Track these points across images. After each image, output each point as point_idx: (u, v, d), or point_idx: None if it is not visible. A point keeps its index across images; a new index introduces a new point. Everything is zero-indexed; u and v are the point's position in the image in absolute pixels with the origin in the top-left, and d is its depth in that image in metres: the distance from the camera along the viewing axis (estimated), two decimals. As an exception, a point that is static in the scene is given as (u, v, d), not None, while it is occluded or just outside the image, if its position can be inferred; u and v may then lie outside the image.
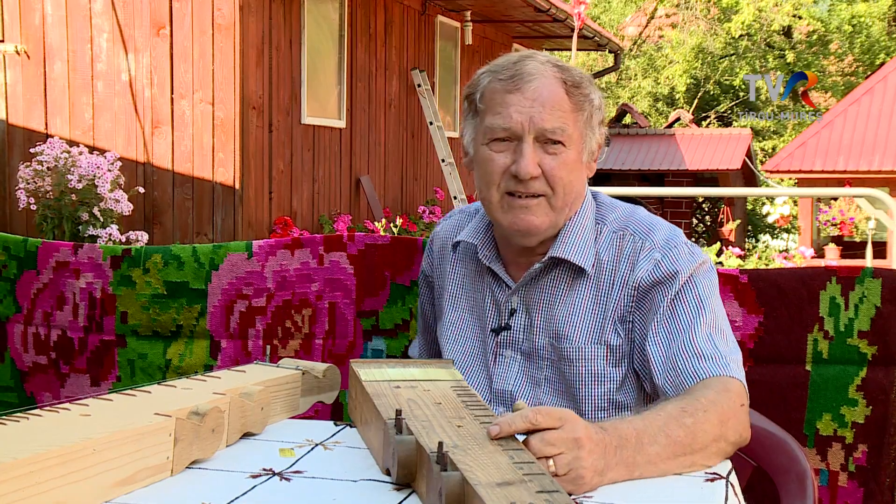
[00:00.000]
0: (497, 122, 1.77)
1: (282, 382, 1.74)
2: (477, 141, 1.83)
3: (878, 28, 23.57)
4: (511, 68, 1.78)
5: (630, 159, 16.04)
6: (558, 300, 1.83)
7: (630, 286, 1.79)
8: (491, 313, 1.90)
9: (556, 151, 1.76)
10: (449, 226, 2.06)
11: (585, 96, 1.79)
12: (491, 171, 1.79)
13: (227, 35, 7.56)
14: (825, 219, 14.40)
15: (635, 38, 24.72)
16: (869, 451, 2.13)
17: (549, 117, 1.75)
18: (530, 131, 1.75)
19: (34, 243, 2.56)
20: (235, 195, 7.61)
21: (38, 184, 5.83)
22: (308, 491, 1.36)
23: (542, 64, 1.78)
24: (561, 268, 1.83)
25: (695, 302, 1.75)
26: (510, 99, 1.76)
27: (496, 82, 1.79)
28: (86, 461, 1.26)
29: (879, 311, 2.10)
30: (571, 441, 1.36)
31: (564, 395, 1.83)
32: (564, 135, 1.76)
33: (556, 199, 1.78)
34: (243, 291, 2.44)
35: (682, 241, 1.82)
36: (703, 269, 1.80)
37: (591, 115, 1.81)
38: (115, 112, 7.75)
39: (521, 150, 1.75)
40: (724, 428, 1.56)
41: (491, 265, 1.89)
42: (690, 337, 1.71)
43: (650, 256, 1.79)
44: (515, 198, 1.78)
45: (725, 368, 1.68)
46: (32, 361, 2.60)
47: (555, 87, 1.76)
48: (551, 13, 11.63)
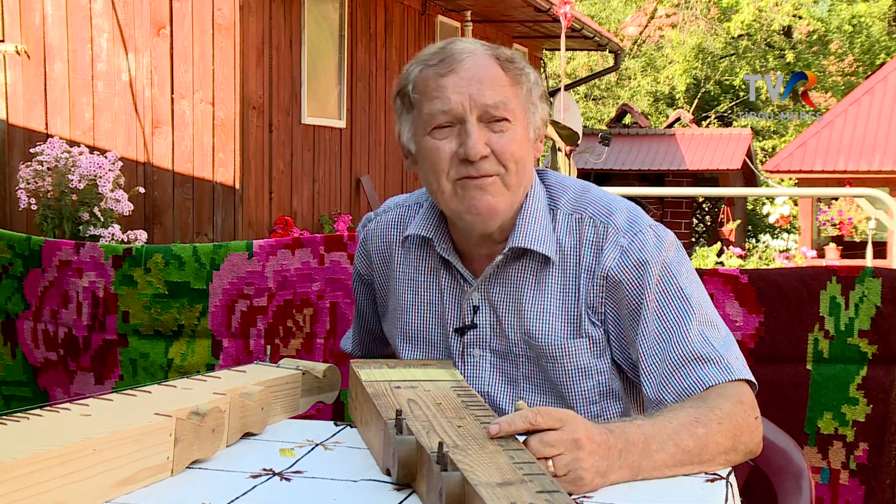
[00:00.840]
0: (436, 107, 1.68)
1: (282, 382, 1.74)
2: (417, 134, 1.74)
3: (878, 28, 23.56)
4: (440, 53, 1.71)
5: (630, 159, 16.04)
6: (525, 293, 1.75)
7: (598, 276, 1.71)
8: (451, 311, 1.82)
9: (503, 129, 1.68)
10: (386, 221, 1.94)
11: (521, 70, 1.72)
12: (438, 159, 1.69)
13: (227, 35, 7.55)
14: (825, 219, 14.40)
15: (635, 37, 24.72)
16: (870, 449, 2.13)
17: (489, 92, 1.67)
18: (472, 110, 1.67)
19: (38, 241, 2.58)
20: (236, 195, 7.61)
21: (39, 184, 5.83)
22: (308, 491, 1.36)
23: (471, 44, 1.73)
24: (524, 259, 1.75)
25: (678, 298, 1.68)
26: (445, 82, 1.68)
27: (427, 69, 1.71)
28: (86, 461, 1.26)
29: (880, 311, 2.10)
30: (571, 442, 1.35)
31: (548, 392, 1.78)
32: (507, 109, 1.68)
33: (509, 177, 1.69)
34: (244, 291, 2.44)
35: (645, 224, 1.74)
36: (673, 253, 1.72)
37: (529, 89, 1.73)
38: (116, 112, 7.75)
39: (466, 131, 1.67)
40: (736, 441, 1.53)
41: (448, 257, 1.80)
42: (684, 341, 1.64)
43: (616, 243, 1.71)
44: (468, 181, 1.69)
45: (728, 372, 1.62)
46: (44, 357, 2.61)
47: (489, 62, 1.70)
48: (551, 13, 11.62)
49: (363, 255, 1.98)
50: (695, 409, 1.54)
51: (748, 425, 1.57)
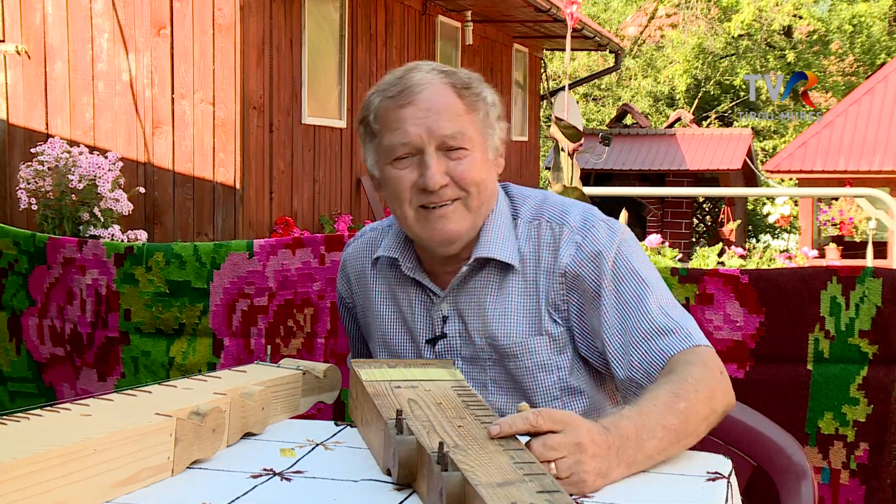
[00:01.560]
0: (396, 140, 1.76)
1: (282, 382, 1.74)
2: (380, 162, 1.81)
3: (878, 28, 23.57)
4: (398, 83, 1.77)
5: (631, 159, 16.05)
6: (489, 300, 1.83)
7: (557, 273, 1.79)
8: (422, 324, 1.89)
9: (461, 156, 1.75)
10: (361, 245, 2.02)
11: (477, 95, 1.78)
12: (400, 189, 1.77)
13: (227, 35, 7.56)
14: (826, 219, 14.40)
15: (636, 37, 24.72)
16: (870, 449, 2.13)
17: (446, 124, 1.74)
18: (430, 141, 1.74)
19: (42, 238, 2.59)
20: (236, 195, 7.61)
21: (39, 184, 5.83)
22: (309, 491, 1.36)
23: (428, 73, 1.77)
24: (487, 268, 1.83)
25: (633, 280, 1.75)
26: (404, 113, 1.75)
27: (386, 100, 1.78)
28: (86, 461, 1.26)
29: (880, 311, 2.11)
30: (573, 445, 1.36)
31: (513, 392, 1.84)
32: (465, 138, 1.75)
33: (471, 200, 1.77)
34: (245, 290, 2.45)
35: (598, 219, 1.82)
36: (626, 241, 1.80)
37: (486, 113, 1.80)
38: (116, 112, 7.75)
39: (424, 162, 1.74)
40: (713, 403, 1.58)
41: (415, 276, 1.88)
42: (645, 316, 1.71)
43: (571, 240, 1.79)
44: (430, 210, 1.77)
45: (689, 339, 1.69)
46: (50, 353, 2.62)
47: (445, 92, 1.76)
48: (552, 13, 11.62)
49: (343, 278, 2.06)
50: (670, 385, 1.58)
51: (718, 384, 1.62)
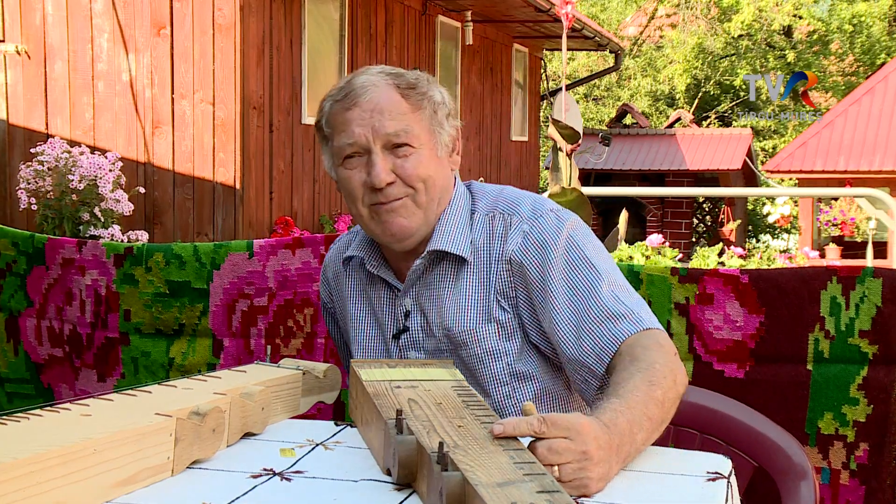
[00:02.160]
0: (343, 141, 1.82)
1: (282, 382, 1.74)
2: (335, 164, 1.87)
3: (878, 28, 23.56)
4: (345, 87, 1.84)
5: (630, 159, 16.04)
6: (446, 293, 1.87)
7: (504, 260, 1.83)
8: (389, 320, 1.94)
9: (406, 153, 1.80)
10: (337, 248, 2.08)
11: (423, 94, 1.84)
12: (351, 188, 1.83)
13: (227, 35, 7.55)
14: (826, 219, 14.40)
15: (635, 38, 24.72)
16: (870, 449, 2.13)
17: (389, 122, 1.79)
18: (375, 140, 1.79)
19: (41, 239, 2.58)
20: (236, 195, 7.61)
21: (39, 184, 5.83)
22: (309, 491, 1.36)
23: (374, 75, 1.84)
24: (444, 262, 1.87)
25: (584, 266, 1.78)
26: (349, 115, 1.81)
27: (335, 104, 1.84)
28: (86, 461, 1.26)
29: (880, 311, 2.10)
30: (580, 453, 1.36)
31: (469, 381, 1.83)
32: (409, 135, 1.80)
33: (419, 196, 1.82)
34: (245, 291, 2.45)
35: (547, 209, 1.86)
36: (575, 229, 1.83)
37: (433, 111, 1.85)
38: (116, 112, 7.75)
39: (371, 160, 1.80)
40: (677, 385, 1.62)
41: (379, 273, 1.93)
42: (596, 302, 1.74)
43: (519, 229, 1.83)
44: (380, 206, 1.82)
45: (640, 323, 1.71)
46: (48, 354, 2.62)
47: (388, 92, 1.81)
48: (552, 13, 11.62)
49: (324, 283, 2.11)
50: (642, 374, 1.60)
51: (677, 367, 1.65)
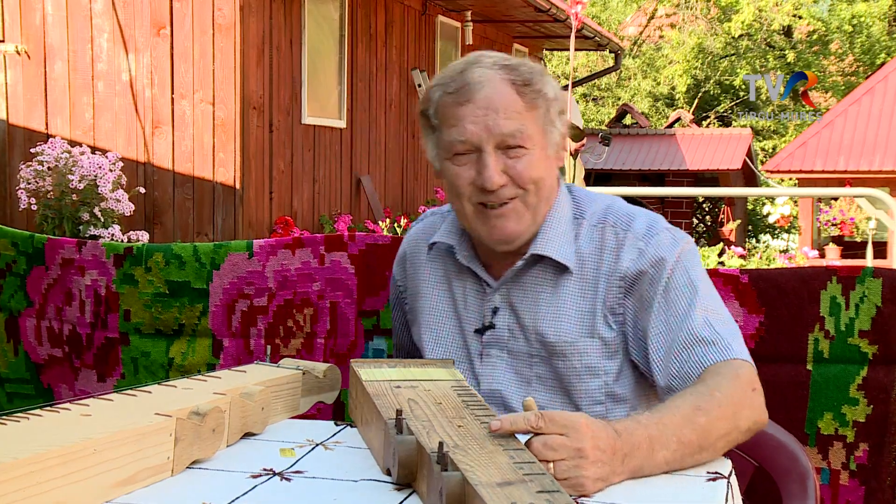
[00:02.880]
0: (454, 136, 1.75)
1: (282, 382, 1.74)
2: (440, 156, 1.81)
3: (878, 28, 23.55)
4: (458, 79, 1.75)
5: (630, 159, 16.04)
6: (543, 297, 1.81)
7: (616, 277, 1.77)
8: (472, 313, 1.88)
9: (519, 154, 1.74)
10: (422, 228, 2.03)
11: (538, 92, 1.76)
12: (459, 185, 1.77)
13: (227, 35, 7.55)
14: (826, 219, 14.40)
15: (635, 38, 24.71)
16: (870, 449, 2.13)
17: (504, 122, 1.72)
18: (488, 140, 1.73)
19: (40, 239, 2.58)
20: (236, 195, 7.61)
21: (39, 184, 5.83)
22: (308, 491, 1.36)
23: (489, 69, 1.75)
24: (543, 264, 1.82)
25: (687, 289, 1.74)
26: (463, 111, 1.73)
27: (446, 96, 1.76)
28: (86, 461, 1.26)
29: (880, 311, 2.10)
30: (574, 450, 1.35)
31: (557, 391, 1.81)
32: (524, 136, 1.73)
33: (528, 197, 1.77)
34: (245, 291, 2.44)
35: (663, 227, 1.81)
36: (688, 251, 1.79)
37: (547, 109, 1.77)
38: (116, 112, 7.75)
39: (482, 160, 1.73)
40: (737, 419, 1.55)
41: (470, 265, 1.87)
42: (688, 326, 1.69)
43: (634, 246, 1.78)
44: (488, 208, 1.76)
45: (728, 351, 1.66)
46: (48, 354, 2.62)
47: (504, 90, 1.73)
48: (552, 13, 11.62)
49: (400, 261, 2.06)
50: (694, 397, 1.56)
51: (747, 400, 1.59)
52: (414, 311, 2.00)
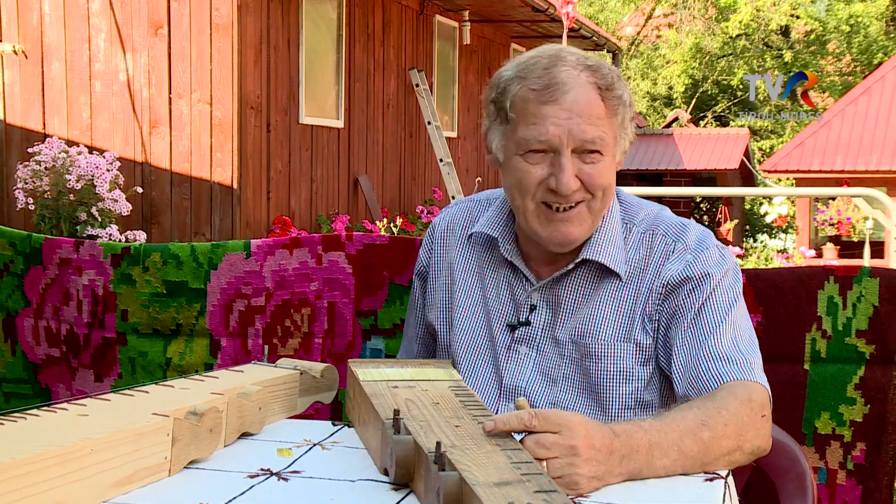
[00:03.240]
0: (533, 135, 1.70)
1: (279, 382, 1.74)
2: (508, 149, 1.76)
3: (875, 28, 23.58)
4: (544, 76, 1.70)
5: (628, 159, 15.99)
6: (585, 298, 1.80)
7: (659, 284, 1.76)
8: (505, 307, 1.86)
9: (595, 160, 1.72)
10: (455, 213, 2.00)
11: (619, 98, 1.74)
12: (528, 182, 1.73)
13: (224, 35, 7.55)
14: (823, 218, 14.42)
15: (633, 37, 24.72)
16: (867, 449, 2.13)
17: (588, 128, 1.69)
18: (568, 144, 1.69)
19: (38, 239, 2.58)
20: (233, 195, 7.61)
21: (36, 184, 5.83)
22: (306, 491, 1.36)
23: (576, 69, 1.70)
24: (589, 266, 1.80)
25: (722, 308, 1.73)
26: (546, 111, 1.69)
27: (528, 91, 1.71)
28: (84, 461, 1.26)
29: (877, 311, 2.10)
30: (567, 448, 1.36)
31: (585, 394, 1.79)
32: (602, 143, 1.71)
33: (595, 203, 1.74)
34: (242, 291, 2.44)
35: (713, 243, 1.80)
36: (733, 271, 1.79)
37: (624, 115, 1.76)
38: (113, 112, 7.75)
39: (559, 163, 1.70)
40: (741, 441, 1.54)
41: (513, 259, 1.85)
42: (715, 341, 1.69)
43: (682, 257, 1.77)
44: (554, 211, 1.73)
45: (748, 373, 1.65)
46: (46, 354, 2.61)
47: (591, 95, 1.70)
48: (549, 13, 11.63)
49: (429, 245, 2.02)
50: (702, 411, 1.55)
51: (753, 424, 1.58)
52: (433, 293, 1.97)
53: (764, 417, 1.61)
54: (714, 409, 1.55)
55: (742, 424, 1.55)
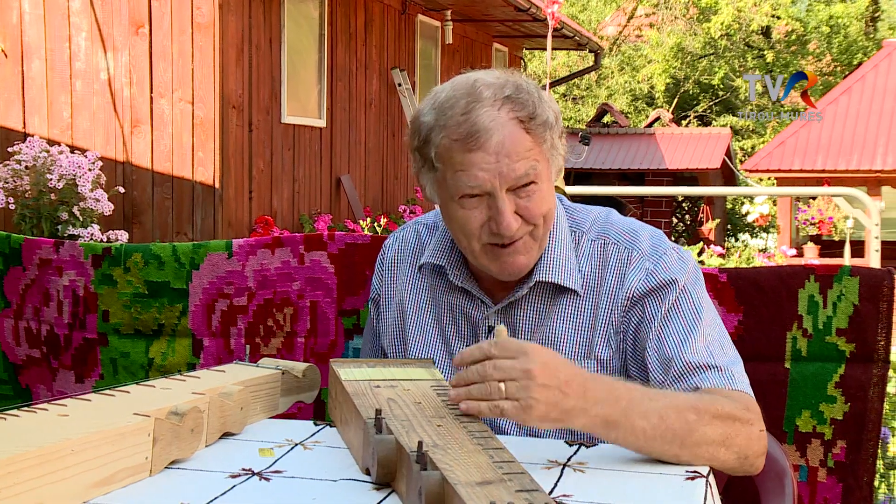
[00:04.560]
0: (463, 182, 1.66)
1: (261, 382, 1.74)
2: (442, 196, 1.73)
3: (855, 28, 23.70)
4: (464, 123, 1.64)
5: (610, 158, 16.08)
6: (542, 316, 1.78)
7: (622, 298, 1.75)
8: (462, 331, 1.84)
9: (530, 192, 1.68)
10: (403, 239, 1.97)
11: (543, 124, 1.68)
12: (470, 228, 1.70)
13: (206, 34, 7.53)
14: (804, 218, 14.47)
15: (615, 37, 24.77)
16: (847, 447, 2.14)
17: (518, 165, 1.65)
18: (502, 186, 1.65)
19: (17, 239, 2.57)
20: (215, 194, 7.58)
21: (17, 183, 5.80)
22: (288, 491, 1.36)
23: (494, 107, 1.65)
24: (542, 285, 1.78)
25: (689, 313, 1.72)
26: (472, 158, 1.64)
27: (451, 142, 1.66)
28: (64, 462, 1.26)
29: (857, 309, 2.12)
30: (522, 371, 1.41)
31: None
32: (535, 173, 1.67)
33: (538, 231, 1.72)
34: (224, 290, 2.44)
35: (668, 246, 1.79)
36: (694, 272, 1.78)
37: (551, 138, 1.71)
38: (94, 111, 7.71)
39: (496, 206, 1.66)
40: (728, 440, 1.54)
41: (464, 285, 1.82)
42: (687, 355, 1.67)
43: (640, 266, 1.75)
44: (499, 248, 1.71)
45: (731, 381, 1.65)
46: (26, 355, 2.60)
47: (515, 132, 1.65)
48: (531, 12, 11.64)
49: (379, 273, 1.99)
50: (697, 398, 1.57)
51: (748, 432, 1.58)
52: (386, 324, 1.95)
53: (761, 432, 1.61)
54: (708, 400, 1.57)
55: (734, 427, 1.56)
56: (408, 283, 1.92)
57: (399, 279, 1.94)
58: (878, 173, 14.71)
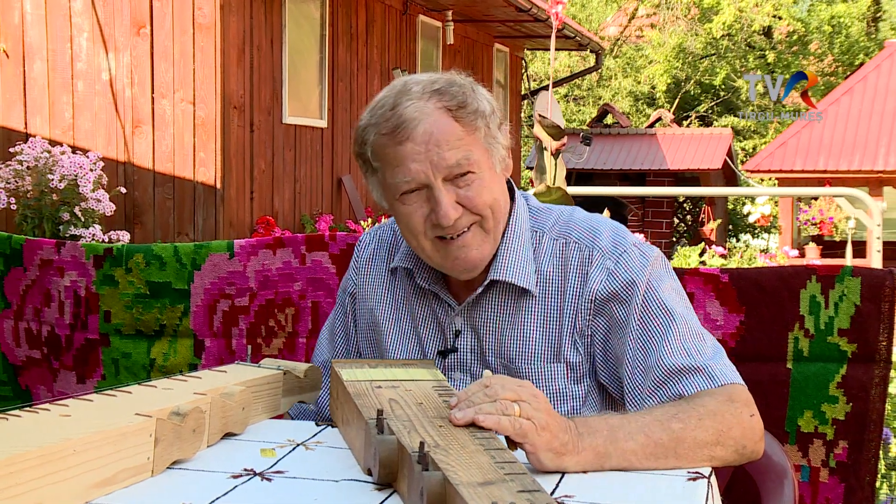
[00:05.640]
0: (399, 177, 1.68)
1: (263, 382, 1.73)
2: (387, 197, 1.75)
3: (857, 28, 23.68)
4: (391, 117, 1.66)
5: (611, 159, 16.07)
6: (505, 318, 1.77)
7: (585, 300, 1.72)
8: (434, 335, 1.84)
9: (469, 181, 1.67)
10: (379, 240, 1.96)
11: (475, 112, 1.68)
12: (414, 224, 1.71)
13: (207, 34, 7.53)
14: (805, 218, 14.47)
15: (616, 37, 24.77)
16: (849, 447, 2.14)
17: (448, 154, 1.65)
18: (435, 175, 1.66)
19: (18, 240, 2.57)
20: (217, 195, 7.59)
21: (18, 183, 5.80)
22: (289, 491, 1.36)
23: (422, 99, 1.66)
24: (500, 285, 1.77)
25: (660, 311, 1.69)
26: (402, 151, 1.66)
27: (381, 137, 1.68)
28: (66, 462, 1.26)
29: (859, 310, 2.12)
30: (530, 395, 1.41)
31: None
32: (470, 162, 1.66)
33: (486, 222, 1.71)
34: (226, 291, 2.44)
35: (630, 243, 1.75)
36: (658, 267, 1.74)
37: (486, 126, 1.70)
38: (96, 111, 7.71)
39: (434, 197, 1.67)
40: (721, 437, 1.52)
41: (431, 288, 1.82)
42: (667, 356, 1.64)
43: (601, 266, 1.72)
44: (447, 241, 1.70)
45: (712, 380, 1.61)
46: (26, 356, 2.60)
47: (442, 120, 1.66)
48: (532, 13, 11.63)
49: (354, 272, 1.98)
50: (674, 407, 1.55)
51: (739, 422, 1.56)
52: (361, 324, 1.94)
53: (752, 417, 1.58)
54: (688, 406, 1.55)
55: (722, 421, 1.54)
56: (380, 286, 1.91)
57: (371, 280, 1.93)
58: (879, 174, 14.70)
